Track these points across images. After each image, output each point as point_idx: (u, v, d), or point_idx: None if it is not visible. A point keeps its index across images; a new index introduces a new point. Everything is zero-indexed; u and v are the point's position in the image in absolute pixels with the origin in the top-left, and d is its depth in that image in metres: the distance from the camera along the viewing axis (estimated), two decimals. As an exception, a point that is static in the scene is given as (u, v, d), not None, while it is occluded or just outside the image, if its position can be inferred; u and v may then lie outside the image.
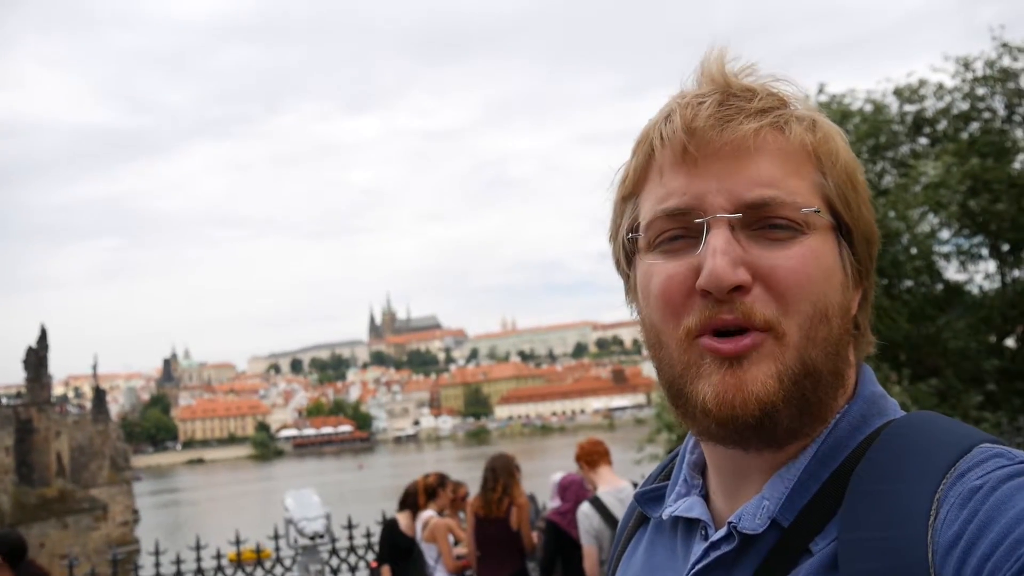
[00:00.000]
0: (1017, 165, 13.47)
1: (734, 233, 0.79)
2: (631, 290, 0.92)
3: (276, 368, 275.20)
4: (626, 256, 0.91)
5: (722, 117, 0.81)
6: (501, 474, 6.43)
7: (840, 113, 14.79)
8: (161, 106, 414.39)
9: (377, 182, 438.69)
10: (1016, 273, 14.56)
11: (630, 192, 0.89)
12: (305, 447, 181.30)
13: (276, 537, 7.96)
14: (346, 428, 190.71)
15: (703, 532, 0.87)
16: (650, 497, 1.00)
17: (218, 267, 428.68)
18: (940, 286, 14.26)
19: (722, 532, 0.83)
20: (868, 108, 14.59)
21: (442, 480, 7.32)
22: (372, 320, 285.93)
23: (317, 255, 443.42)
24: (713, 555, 0.83)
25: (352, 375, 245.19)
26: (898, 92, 14.59)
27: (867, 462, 0.78)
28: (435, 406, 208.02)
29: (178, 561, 7.70)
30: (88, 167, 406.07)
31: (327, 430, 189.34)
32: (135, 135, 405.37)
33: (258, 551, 8.09)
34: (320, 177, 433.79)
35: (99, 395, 65.11)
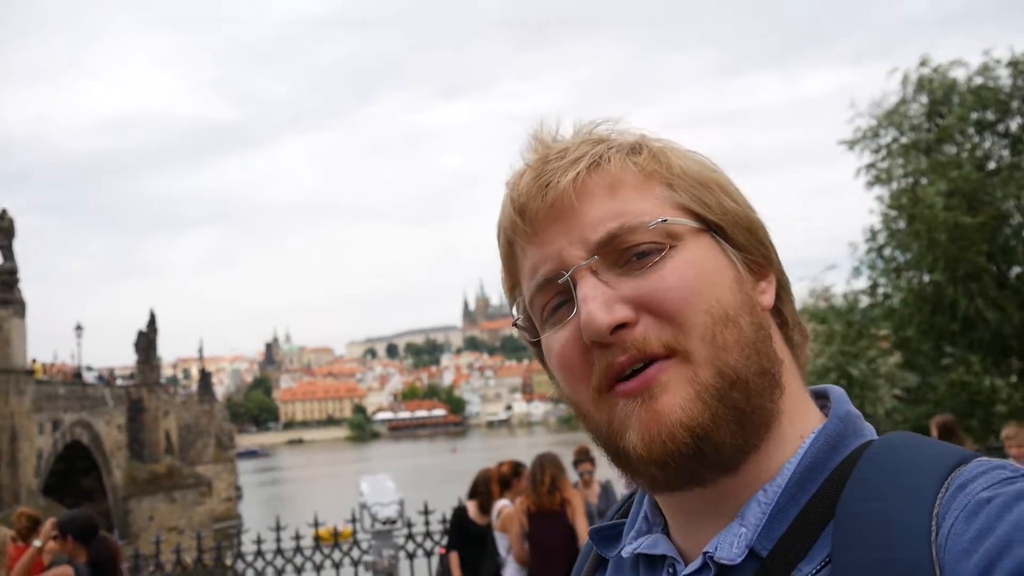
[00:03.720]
0: None
1: (601, 276, 0.78)
2: (551, 374, 0.88)
3: (372, 352, 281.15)
4: (534, 345, 0.88)
5: (541, 184, 0.81)
6: (549, 467, 6.21)
7: (942, 88, 13.97)
8: (262, 99, 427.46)
9: (470, 167, 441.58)
10: None
11: (511, 284, 0.89)
12: (400, 430, 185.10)
13: (353, 520, 8.04)
14: (440, 412, 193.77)
15: (670, 569, 0.82)
16: (605, 535, 0.93)
17: (316, 254, 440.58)
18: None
19: (696, 564, 0.78)
20: (978, 80, 13.74)
21: (516, 469, 7.18)
22: (466, 306, 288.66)
23: (411, 241, 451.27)
24: None
25: (446, 360, 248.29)
26: (1013, 63, 13.67)
27: (855, 481, 0.73)
28: (527, 392, 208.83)
29: (258, 541, 7.88)
30: (195, 159, 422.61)
31: (421, 413, 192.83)
32: (238, 127, 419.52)
33: (336, 533, 8.20)
34: (414, 163, 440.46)
35: (205, 377, 67.80)
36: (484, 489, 7.11)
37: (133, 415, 44.47)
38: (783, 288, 0.85)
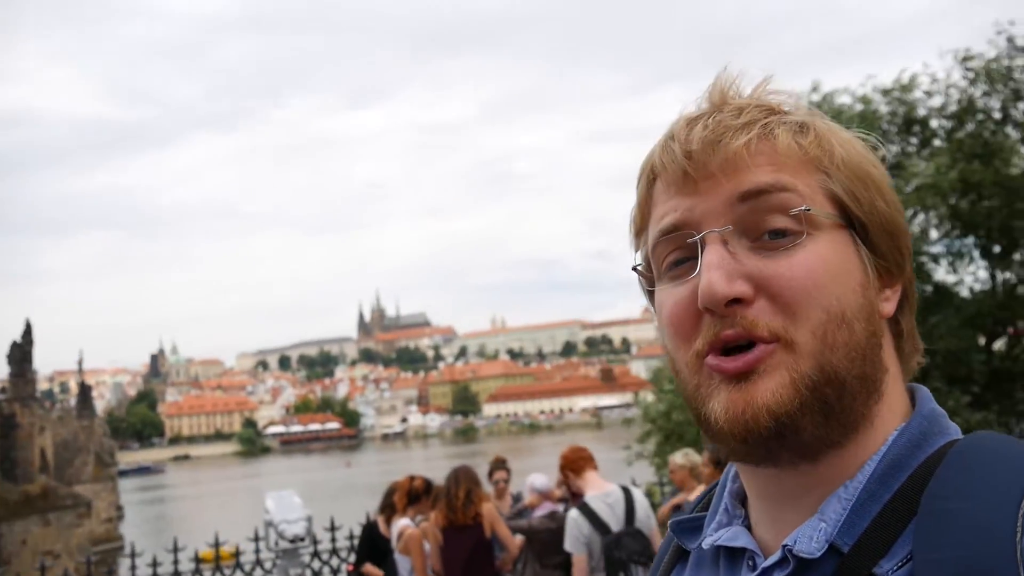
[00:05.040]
0: (1010, 168, 13.31)
1: (730, 247, 0.78)
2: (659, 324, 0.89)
3: (264, 365, 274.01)
4: (648, 290, 0.89)
5: (714, 139, 0.81)
6: (464, 480, 6.15)
7: (830, 114, 14.65)
8: (166, 99, 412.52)
9: (379, 177, 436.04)
10: (1006, 275, 14.47)
11: (640, 227, 0.89)
12: (292, 444, 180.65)
13: (256, 539, 7.80)
14: (334, 425, 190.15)
15: (750, 562, 0.82)
16: (687, 527, 0.94)
17: (212, 262, 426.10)
18: (929, 288, 14.17)
19: (776, 557, 0.77)
20: (859, 107, 14.46)
21: (428, 487, 7.04)
22: (361, 317, 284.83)
23: (314, 250, 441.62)
24: None
25: (340, 372, 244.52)
26: (885, 91, 14.45)
27: (938, 480, 0.73)
28: (423, 404, 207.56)
29: (154, 564, 7.54)
30: (93, 160, 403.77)
31: (314, 427, 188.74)
32: (140, 128, 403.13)
33: (237, 553, 7.93)
34: (323, 171, 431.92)
35: (84, 390, 64.52)
36: (393, 503, 6.99)
37: (4, 432, 41.91)
38: (907, 299, 0.85)
